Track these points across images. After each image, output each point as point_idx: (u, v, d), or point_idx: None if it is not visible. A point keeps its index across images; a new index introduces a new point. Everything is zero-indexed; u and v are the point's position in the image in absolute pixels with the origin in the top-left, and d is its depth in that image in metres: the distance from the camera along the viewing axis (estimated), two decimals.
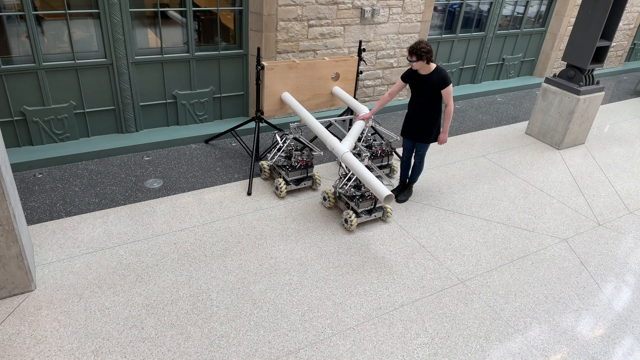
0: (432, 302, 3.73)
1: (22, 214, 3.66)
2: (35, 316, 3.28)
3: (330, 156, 5.76)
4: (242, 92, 6.17)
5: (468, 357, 3.29)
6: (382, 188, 3.86)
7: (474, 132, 6.78)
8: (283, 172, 4.81)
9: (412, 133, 4.64)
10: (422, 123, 4.55)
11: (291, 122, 5.61)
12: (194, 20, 5.48)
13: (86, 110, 5.30)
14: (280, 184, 4.74)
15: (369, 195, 4.45)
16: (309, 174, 4.94)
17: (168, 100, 5.73)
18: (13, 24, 4.64)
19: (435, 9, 7.22)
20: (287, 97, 5.12)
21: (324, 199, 4.74)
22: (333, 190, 4.76)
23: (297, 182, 4.88)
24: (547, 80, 6.46)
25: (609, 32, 5.90)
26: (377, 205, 4.54)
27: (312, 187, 5.05)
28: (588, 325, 3.66)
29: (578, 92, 6.11)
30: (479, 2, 7.62)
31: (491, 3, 7.74)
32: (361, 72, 5.66)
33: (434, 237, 4.47)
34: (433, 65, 4.31)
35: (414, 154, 4.85)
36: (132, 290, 3.57)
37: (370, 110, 5.28)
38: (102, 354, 3.07)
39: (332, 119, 5.12)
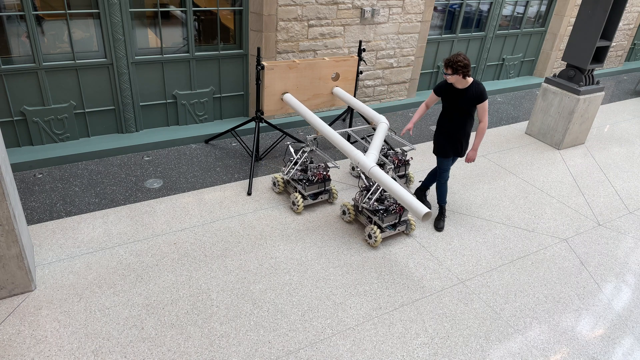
0: (432, 302, 3.73)
1: (22, 214, 3.66)
2: (35, 316, 3.28)
3: (333, 156, 5.76)
4: (242, 92, 6.17)
5: (468, 357, 3.30)
6: (419, 206, 3.60)
7: (474, 132, 6.78)
8: (299, 187, 4.61)
9: (456, 149, 4.35)
10: (463, 137, 4.32)
11: (303, 132, 5.59)
12: (194, 21, 5.48)
13: (86, 110, 5.30)
14: (297, 199, 4.53)
15: (393, 209, 4.24)
16: (326, 188, 4.74)
17: (168, 100, 5.73)
18: (13, 24, 4.64)
19: (435, 9, 7.23)
20: (299, 105, 4.91)
21: (344, 212, 4.54)
22: (353, 203, 4.58)
23: (314, 196, 4.67)
24: (547, 80, 6.46)
25: (609, 32, 5.90)
26: (401, 219, 4.34)
27: (329, 201, 4.85)
28: (588, 325, 3.66)
29: (578, 92, 6.11)
30: (479, 2, 7.62)
31: (491, 3, 7.74)
32: (361, 72, 5.66)
33: (433, 237, 4.47)
34: (470, 80, 4.10)
35: (434, 174, 4.57)
36: (132, 290, 3.57)
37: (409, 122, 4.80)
38: (102, 354, 3.07)
39: (349, 130, 4.91)
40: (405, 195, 3.73)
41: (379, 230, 4.17)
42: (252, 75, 6.00)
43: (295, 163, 4.71)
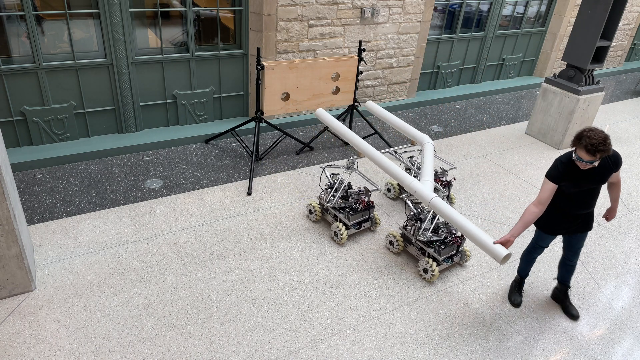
0: (432, 302, 3.73)
1: (22, 214, 3.66)
2: (35, 316, 3.28)
3: (333, 156, 5.75)
4: (242, 92, 6.17)
5: (468, 357, 3.29)
6: (497, 249, 3.15)
7: (474, 132, 6.78)
8: (341, 215, 4.26)
9: (571, 229, 3.46)
10: (588, 214, 3.44)
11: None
12: (194, 21, 5.48)
13: (86, 110, 5.30)
14: (340, 230, 4.17)
15: (450, 241, 3.90)
16: (370, 215, 4.37)
17: (168, 100, 5.73)
18: (13, 24, 4.64)
19: (435, 9, 7.22)
20: (335, 122, 4.40)
21: (391, 243, 4.18)
22: (400, 232, 4.21)
23: (358, 225, 4.30)
24: (547, 80, 6.46)
25: (609, 32, 5.90)
26: (459, 250, 4.01)
27: (370, 229, 4.49)
28: (588, 325, 3.66)
29: (578, 92, 6.11)
30: (479, 2, 7.62)
31: (491, 3, 7.74)
32: (361, 72, 5.66)
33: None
34: None
35: (571, 252, 3.62)
36: (132, 290, 3.57)
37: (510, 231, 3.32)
38: (102, 354, 3.07)
39: (392, 149, 4.60)
40: (479, 234, 3.28)
41: (435, 264, 3.84)
42: (252, 75, 6.00)
43: (336, 189, 4.31)
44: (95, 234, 4.10)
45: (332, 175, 4.47)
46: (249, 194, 4.84)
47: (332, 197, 4.30)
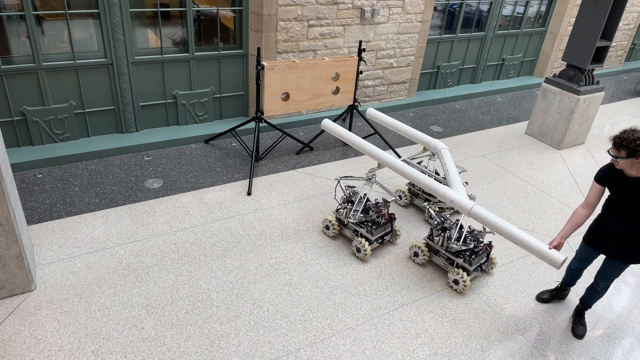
0: (432, 302, 3.73)
1: (22, 214, 3.66)
2: (35, 316, 3.28)
3: (333, 157, 5.75)
4: (242, 92, 6.17)
5: (468, 357, 3.29)
6: (554, 254, 3.06)
7: (474, 132, 6.78)
8: (362, 230, 4.06)
9: (609, 249, 3.25)
10: (631, 239, 3.13)
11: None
12: (194, 21, 5.48)
13: (86, 110, 5.30)
14: (363, 246, 3.99)
15: (480, 250, 3.83)
16: (392, 228, 4.24)
17: (168, 100, 5.73)
18: (13, 24, 4.64)
19: (435, 9, 7.22)
20: (345, 133, 4.21)
21: (416, 255, 4.06)
22: (424, 242, 4.10)
23: (380, 239, 4.13)
24: (547, 80, 6.46)
25: (609, 32, 5.90)
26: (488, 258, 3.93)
27: (390, 241, 4.35)
28: (588, 325, 3.66)
29: (578, 92, 6.11)
30: (479, 2, 7.62)
31: (491, 3, 7.74)
32: (361, 72, 5.66)
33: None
34: None
35: (599, 274, 3.41)
36: (132, 290, 3.57)
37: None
38: (102, 354, 3.07)
39: (407, 158, 4.43)
40: (528, 238, 3.19)
41: (465, 274, 3.75)
42: (252, 75, 6.00)
43: (353, 203, 4.13)
44: (95, 234, 4.10)
45: (347, 188, 4.30)
46: (249, 194, 4.84)
47: (354, 213, 4.07)
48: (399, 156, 5.74)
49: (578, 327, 3.59)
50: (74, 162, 5.13)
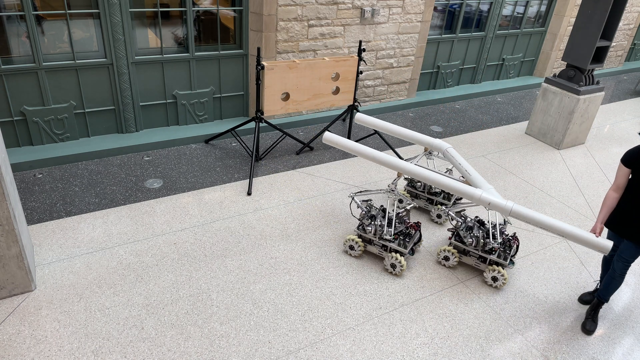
0: (432, 302, 3.73)
1: (22, 214, 3.66)
2: (35, 316, 3.28)
3: (333, 157, 5.75)
4: (242, 92, 6.17)
5: (468, 357, 3.29)
6: (601, 242, 3.18)
7: (474, 132, 6.78)
8: (393, 244, 3.91)
9: (623, 229, 3.35)
10: None
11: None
12: (194, 21, 5.48)
13: (86, 110, 5.30)
14: (400, 262, 3.85)
15: (508, 242, 3.92)
16: (420, 236, 4.15)
17: (168, 100, 5.73)
18: (13, 24, 4.64)
19: (435, 9, 7.22)
20: (353, 145, 3.98)
21: (446, 258, 4.03)
22: (452, 245, 4.05)
23: (411, 250, 4.00)
24: (547, 80, 6.46)
25: (609, 32, 5.90)
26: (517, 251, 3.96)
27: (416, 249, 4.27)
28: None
29: (578, 92, 6.11)
30: (479, 2, 7.62)
31: (491, 3, 7.74)
32: (361, 72, 5.66)
33: (434, 237, 4.47)
34: None
35: (617, 256, 3.46)
36: (132, 290, 3.57)
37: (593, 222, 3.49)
38: (102, 354, 3.07)
39: (416, 163, 4.24)
40: (574, 230, 3.24)
41: (501, 267, 3.82)
42: (252, 75, 6.00)
43: (374, 217, 4.01)
44: (95, 234, 4.10)
45: (362, 202, 4.13)
46: (249, 194, 4.84)
47: (380, 228, 3.91)
48: (400, 157, 5.74)
49: (589, 322, 3.60)
50: (74, 162, 5.13)
